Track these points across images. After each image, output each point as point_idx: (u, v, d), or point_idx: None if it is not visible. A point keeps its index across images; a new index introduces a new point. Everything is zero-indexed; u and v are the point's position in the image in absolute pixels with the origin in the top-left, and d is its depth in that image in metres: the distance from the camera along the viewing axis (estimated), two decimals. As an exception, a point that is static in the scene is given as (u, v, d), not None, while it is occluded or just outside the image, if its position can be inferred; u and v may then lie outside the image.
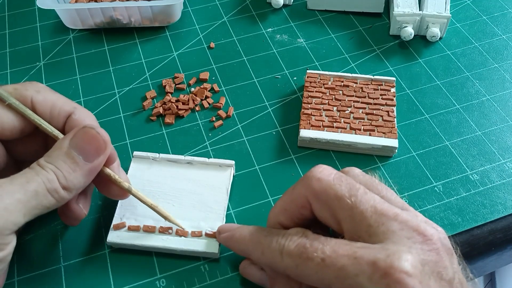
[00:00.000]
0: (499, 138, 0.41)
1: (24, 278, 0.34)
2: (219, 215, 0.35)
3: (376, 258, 0.24)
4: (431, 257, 0.24)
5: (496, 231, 0.36)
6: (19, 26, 0.52)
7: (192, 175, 0.37)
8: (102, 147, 0.30)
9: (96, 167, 0.30)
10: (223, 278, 0.33)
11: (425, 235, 0.25)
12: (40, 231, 0.36)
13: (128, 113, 0.44)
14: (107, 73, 0.47)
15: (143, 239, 0.34)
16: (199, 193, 0.36)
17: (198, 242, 0.34)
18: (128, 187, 0.32)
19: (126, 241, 0.34)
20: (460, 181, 0.38)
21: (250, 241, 0.30)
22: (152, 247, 0.34)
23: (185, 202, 0.36)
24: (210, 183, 0.37)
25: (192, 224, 0.35)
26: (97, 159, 0.30)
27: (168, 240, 0.34)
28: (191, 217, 0.35)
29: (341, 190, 0.27)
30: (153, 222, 0.35)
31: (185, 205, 0.36)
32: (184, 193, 0.36)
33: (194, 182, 0.37)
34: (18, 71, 0.48)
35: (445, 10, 0.47)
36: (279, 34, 0.51)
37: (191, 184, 0.37)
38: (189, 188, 0.37)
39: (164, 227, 0.34)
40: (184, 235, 0.34)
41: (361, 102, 0.42)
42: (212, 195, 0.36)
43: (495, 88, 0.45)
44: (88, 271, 0.34)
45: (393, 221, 0.25)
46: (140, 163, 0.38)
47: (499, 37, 0.50)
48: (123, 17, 0.49)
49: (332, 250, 0.25)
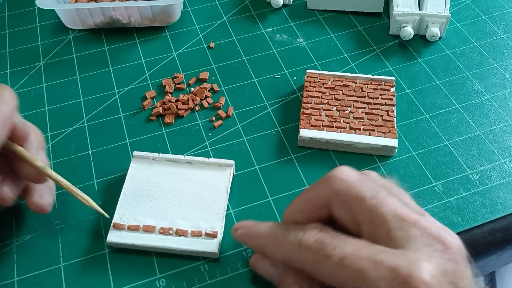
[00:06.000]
0: (499, 137, 0.41)
1: (24, 278, 0.34)
2: (219, 214, 0.35)
3: (397, 265, 0.23)
4: (451, 266, 0.24)
5: (496, 230, 0.36)
6: (19, 26, 0.52)
7: (192, 175, 0.37)
8: None
9: None
10: (223, 278, 0.33)
11: (445, 244, 0.25)
12: (40, 231, 0.36)
13: (128, 113, 0.44)
14: (107, 73, 0.47)
15: (143, 239, 0.34)
16: (199, 193, 0.36)
17: (198, 242, 0.34)
18: (42, 166, 0.31)
19: (126, 241, 0.34)
20: (460, 181, 0.38)
21: (267, 235, 0.30)
22: (152, 247, 0.34)
23: (185, 202, 0.36)
24: (209, 183, 0.37)
25: (192, 224, 0.35)
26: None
27: (168, 240, 0.34)
28: (191, 216, 0.35)
29: (363, 191, 0.27)
30: (153, 222, 0.35)
31: (185, 204, 0.36)
32: (184, 193, 0.36)
33: (194, 182, 0.37)
34: (18, 71, 0.48)
35: (444, 10, 0.47)
36: (279, 34, 0.51)
37: (191, 184, 0.37)
38: (189, 188, 0.37)
39: (165, 227, 0.34)
40: (183, 234, 0.34)
41: (361, 102, 0.42)
42: (212, 195, 0.36)
43: (495, 87, 0.45)
44: (88, 271, 0.34)
45: (414, 227, 0.25)
46: (140, 163, 0.38)
47: (499, 37, 0.50)
48: (123, 17, 0.49)
49: (352, 250, 0.25)
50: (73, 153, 0.41)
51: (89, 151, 0.41)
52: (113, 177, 0.39)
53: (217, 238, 0.34)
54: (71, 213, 0.37)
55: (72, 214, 0.37)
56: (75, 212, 0.37)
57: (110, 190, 0.38)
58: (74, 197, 0.38)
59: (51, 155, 0.41)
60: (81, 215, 0.37)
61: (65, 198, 0.38)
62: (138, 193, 0.36)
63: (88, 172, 0.39)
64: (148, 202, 0.36)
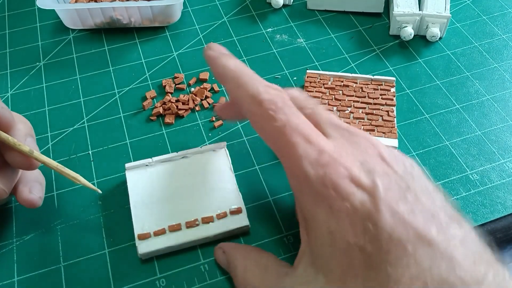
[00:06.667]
0: (499, 138, 0.41)
1: (24, 278, 0.34)
2: (234, 191, 0.36)
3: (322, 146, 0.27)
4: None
5: (496, 231, 0.36)
6: (19, 26, 0.52)
7: (192, 167, 0.37)
8: None
9: None
10: (223, 278, 0.33)
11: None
12: (40, 231, 0.36)
13: (128, 113, 0.44)
14: (107, 73, 0.47)
15: (173, 239, 0.34)
16: (206, 181, 0.36)
17: (226, 222, 0.34)
18: (29, 150, 0.31)
19: (158, 246, 0.33)
20: (460, 181, 0.38)
21: (235, 69, 0.31)
22: (185, 243, 0.34)
23: (196, 194, 0.36)
24: (211, 168, 0.37)
25: (213, 210, 0.35)
26: None
27: (198, 231, 0.34)
28: (209, 204, 0.35)
29: None
30: (176, 221, 0.34)
31: (198, 196, 0.36)
32: (192, 186, 0.36)
33: (196, 173, 0.37)
34: (18, 71, 0.48)
35: (445, 10, 0.47)
36: (279, 34, 0.51)
37: (195, 176, 0.37)
38: (195, 180, 0.37)
39: (190, 221, 0.34)
40: (210, 221, 0.34)
41: (361, 102, 0.42)
42: (219, 177, 0.37)
43: (495, 88, 0.45)
44: (88, 271, 0.34)
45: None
46: (135, 173, 0.37)
47: (499, 37, 0.50)
48: (123, 17, 0.49)
49: (295, 124, 0.27)
50: (73, 153, 0.41)
51: (89, 151, 0.41)
52: (113, 177, 0.39)
53: (242, 213, 0.35)
54: (71, 213, 0.37)
55: (72, 214, 0.37)
56: (75, 212, 0.37)
57: (110, 190, 0.38)
58: (74, 197, 0.38)
59: (51, 155, 0.41)
60: (81, 215, 0.37)
61: (65, 198, 0.38)
62: (147, 201, 0.36)
63: (88, 172, 0.39)
64: (161, 206, 0.35)
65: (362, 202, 0.24)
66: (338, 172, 0.25)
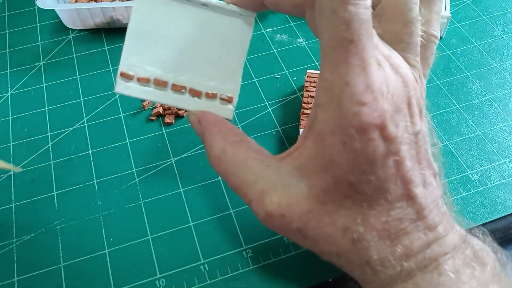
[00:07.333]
0: (499, 138, 0.41)
1: (24, 278, 0.34)
2: (235, 77, 0.32)
3: None
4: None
5: (496, 231, 0.36)
6: (19, 26, 0.52)
7: (206, 22, 0.32)
8: None
9: None
10: (223, 278, 0.33)
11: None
12: (40, 231, 0.36)
13: (128, 113, 0.44)
14: (107, 73, 0.47)
15: (154, 95, 0.31)
16: (213, 47, 0.32)
17: (212, 105, 0.32)
18: None
19: (136, 94, 0.31)
20: (460, 181, 0.38)
21: None
22: (165, 103, 0.32)
23: (197, 55, 0.32)
24: (226, 35, 0.32)
25: (205, 83, 0.32)
26: None
27: (180, 99, 0.32)
28: (204, 73, 0.32)
29: None
30: (163, 75, 0.31)
31: (197, 58, 0.32)
32: (196, 43, 0.32)
33: (208, 31, 0.32)
34: (18, 71, 0.48)
35: (445, 10, 0.47)
36: (279, 34, 0.51)
37: (205, 33, 0.32)
38: (202, 38, 0.32)
39: (177, 85, 0.31)
40: (197, 95, 0.32)
41: (361, 102, 0.41)
42: (228, 51, 0.32)
43: (495, 88, 0.45)
44: (88, 271, 0.34)
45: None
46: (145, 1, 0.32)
47: (499, 37, 0.50)
48: (123, 17, 0.49)
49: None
50: (73, 153, 0.41)
51: (89, 151, 0.41)
52: (113, 177, 0.39)
53: (231, 104, 0.32)
54: (71, 213, 0.37)
55: (72, 214, 0.37)
56: (75, 212, 0.37)
57: (111, 190, 0.38)
58: (74, 197, 0.38)
59: (51, 155, 0.41)
60: (81, 215, 0.37)
61: (65, 198, 0.38)
62: (146, 35, 0.32)
63: (88, 172, 0.39)
64: (157, 48, 0.32)
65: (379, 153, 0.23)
66: (372, 117, 0.23)
